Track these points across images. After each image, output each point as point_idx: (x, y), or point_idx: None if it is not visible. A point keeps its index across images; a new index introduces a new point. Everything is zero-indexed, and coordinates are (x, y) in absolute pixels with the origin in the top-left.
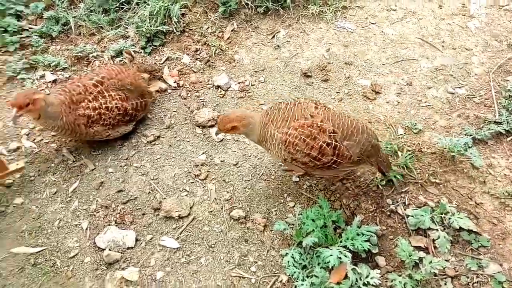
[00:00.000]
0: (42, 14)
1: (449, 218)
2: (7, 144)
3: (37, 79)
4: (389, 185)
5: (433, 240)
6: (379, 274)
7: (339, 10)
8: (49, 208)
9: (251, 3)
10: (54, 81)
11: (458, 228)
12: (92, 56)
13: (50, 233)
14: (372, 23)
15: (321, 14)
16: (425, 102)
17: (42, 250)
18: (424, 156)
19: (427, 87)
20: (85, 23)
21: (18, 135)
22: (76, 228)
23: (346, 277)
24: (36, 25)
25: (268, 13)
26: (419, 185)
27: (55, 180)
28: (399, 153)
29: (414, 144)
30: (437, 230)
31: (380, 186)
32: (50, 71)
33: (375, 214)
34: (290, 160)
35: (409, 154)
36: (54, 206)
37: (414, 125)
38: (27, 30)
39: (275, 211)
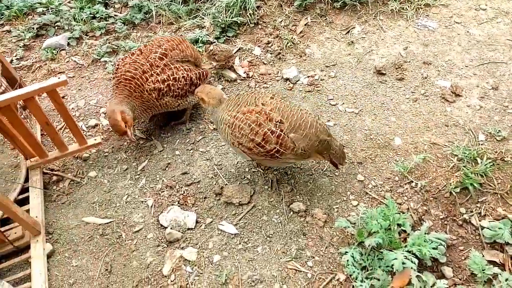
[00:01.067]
0: (127, 2)
1: None
2: (87, 120)
3: None
4: (464, 192)
5: (511, 257)
6: (446, 285)
7: (421, 8)
8: (119, 183)
9: None
10: None
11: None
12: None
13: (118, 207)
14: (457, 23)
15: (401, 11)
16: None
17: (110, 222)
18: (507, 166)
19: None
20: (165, 12)
21: (97, 113)
22: (142, 204)
23: (409, 283)
24: (121, 13)
25: (345, 9)
26: (499, 196)
27: (126, 158)
28: (479, 160)
29: (496, 152)
30: None
31: (453, 192)
32: None
33: (446, 222)
34: (237, 144)
35: (489, 162)
36: (123, 181)
37: (498, 132)
38: (113, 17)
39: (336, 208)
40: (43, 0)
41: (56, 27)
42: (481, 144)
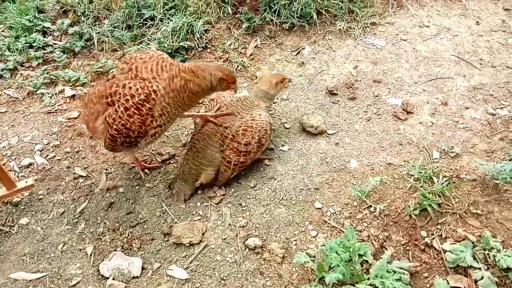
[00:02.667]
0: (67, 30)
1: (494, 256)
2: (20, 160)
3: (55, 94)
4: (423, 214)
5: (475, 281)
6: None
7: (368, 26)
8: (54, 230)
9: (276, 19)
10: (73, 96)
11: (505, 267)
12: (113, 71)
13: (53, 258)
14: (403, 40)
15: (349, 30)
16: (463, 123)
17: (42, 276)
18: (462, 183)
19: (464, 107)
20: (108, 39)
21: (31, 151)
22: (80, 253)
23: None
24: (60, 41)
25: (293, 29)
26: (458, 216)
27: (63, 199)
28: (435, 179)
29: (451, 169)
30: (480, 269)
31: (413, 215)
32: (70, 86)
33: (407, 248)
34: None
35: (445, 181)
36: (60, 227)
37: (451, 149)
38: (51, 45)
39: (295, 240)
40: None
41: None
42: (436, 162)
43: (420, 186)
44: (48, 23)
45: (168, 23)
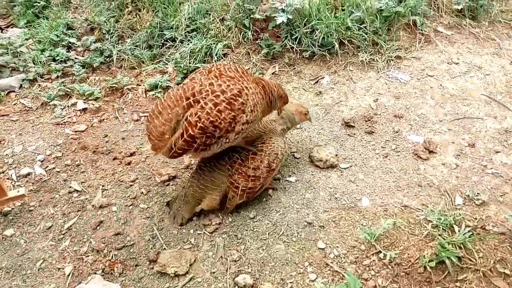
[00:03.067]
0: (91, 46)
1: None
2: (19, 169)
3: (68, 106)
4: (440, 267)
5: None
6: None
7: (393, 60)
8: (37, 245)
9: (297, 47)
10: (84, 110)
11: None
12: (127, 88)
13: (29, 275)
14: (429, 76)
15: (371, 62)
16: (491, 168)
17: None
18: (488, 236)
19: (494, 151)
20: (128, 57)
21: (33, 160)
22: (58, 272)
23: None
24: (82, 56)
25: (314, 58)
26: (481, 274)
27: (53, 213)
28: (456, 228)
29: (475, 218)
30: None
31: (428, 267)
32: (83, 99)
33: None
34: None
35: (468, 231)
36: (43, 243)
37: (477, 195)
38: (73, 60)
39: (290, 282)
40: (3, 42)
41: (11, 69)
42: (459, 209)
43: (439, 235)
44: (74, 39)
45: (188, 44)
